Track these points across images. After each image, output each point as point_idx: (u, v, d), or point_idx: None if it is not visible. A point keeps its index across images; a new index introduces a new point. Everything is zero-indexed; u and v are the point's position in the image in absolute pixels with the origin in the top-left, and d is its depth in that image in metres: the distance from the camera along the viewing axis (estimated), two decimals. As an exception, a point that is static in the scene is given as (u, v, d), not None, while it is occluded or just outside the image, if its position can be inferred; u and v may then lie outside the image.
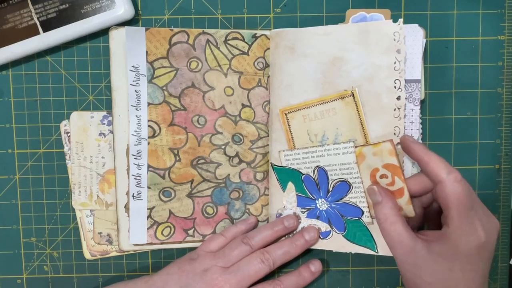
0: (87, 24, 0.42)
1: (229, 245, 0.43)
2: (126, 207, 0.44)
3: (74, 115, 0.44)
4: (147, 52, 0.43)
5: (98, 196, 0.45)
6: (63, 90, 0.45)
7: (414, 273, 0.35)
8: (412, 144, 0.38)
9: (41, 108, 0.45)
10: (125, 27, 0.42)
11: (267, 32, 0.43)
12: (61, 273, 0.46)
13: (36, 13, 0.42)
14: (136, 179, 0.44)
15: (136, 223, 0.44)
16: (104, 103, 0.45)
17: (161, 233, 0.44)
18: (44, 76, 0.44)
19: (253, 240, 0.42)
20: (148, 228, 0.44)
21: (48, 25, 0.42)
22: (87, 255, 0.45)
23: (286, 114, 0.43)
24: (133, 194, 0.44)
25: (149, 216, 0.44)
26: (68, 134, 0.45)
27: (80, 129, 0.44)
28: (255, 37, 0.43)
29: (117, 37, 0.43)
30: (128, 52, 0.42)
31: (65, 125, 0.45)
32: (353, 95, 0.41)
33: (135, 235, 0.44)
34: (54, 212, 0.45)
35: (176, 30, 0.43)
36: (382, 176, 0.41)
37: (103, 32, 0.44)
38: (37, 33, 0.42)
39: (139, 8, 0.44)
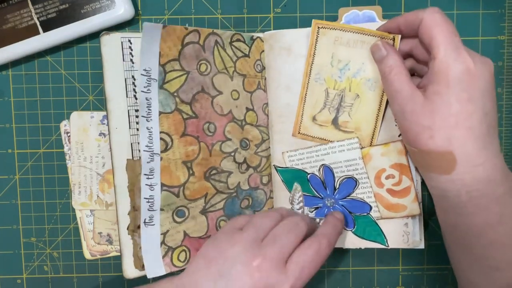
0: (87, 24, 0.42)
1: (257, 214, 0.39)
2: (129, 229, 0.41)
3: (74, 115, 0.44)
4: (160, 53, 0.39)
5: (98, 196, 0.45)
6: (63, 90, 0.45)
7: (412, 120, 0.35)
8: (384, 25, 0.39)
9: (41, 108, 0.45)
10: (144, 23, 0.37)
11: (261, 35, 0.43)
12: (61, 273, 0.46)
13: (36, 13, 0.42)
14: (148, 202, 0.39)
15: (150, 253, 0.40)
16: (104, 103, 0.44)
17: (177, 259, 0.41)
18: (44, 76, 0.44)
19: (282, 210, 0.40)
20: (163, 257, 0.40)
21: (48, 25, 0.42)
22: (87, 255, 0.45)
23: (319, 27, 0.41)
24: (145, 219, 0.39)
25: (163, 243, 0.40)
26: (68, 134, 0.45)
27: (80, 129, 0.44)
28: (252, 39, 0.43)
29: (109, 43, 0.40)
30: (142, 54, 0.38)
31: (65, 125, 0.45)
32: (393, 40, 0.39)
33: (152, 267, 0.40)
34: (54, 212, 0.45)
35: (190, 29, 0.40)
36: (388, 177, 0.41)
37: (103, 32, 0.44)
38: (37, 33, 0.42)
39: (139, 8, 0.44)
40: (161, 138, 0.39)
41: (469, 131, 0.34)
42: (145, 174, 0.39)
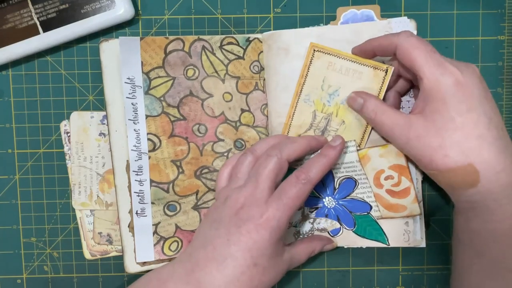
0: (87, 24, 0.42)
1: (235, 166, 0.40)
2: (130, 226, 0.43)
3: (74, 115, 0.44)
4: (142, 62, 0.42)
5: (98, 196, 0.45)
6: (63, 90, 0.45)
7: (420, 145, 0.35)
8: (359, 47, 0.40)
9: (41, 108, 0.45)
10: (119, 37, 0.41)
11: (259, 36, 0.43)
12: (61, 273, 0.46)
13: (36, 13, 0.42)
14: (139, 196, 0.42)
15: (141, 240, 0.43)
16: (104, 103, 0.45)
17: (168, 248, 0.43)
18: (44, 76, 0.44)
19: (258, 150, 0.40)
20: (154, 245, 0.43)
21: (48, 25, 0.42)
22: (87, 255, 0.45)
23: (315, 50, 0.41)
24: (137, 211, 0.42)
25: (155, 232, 0.43)
26: (68, 134, 0.45)
27: (80, 129, 0.44)
28: (248, 40, 0.43)
29: (108, 49, 0.42)
30: (122, 64, 0.41)
31: (65, 125, 0.45)
32: (386, 72, 0.40)
33: (142, 253, 0.43)
34: (54, 212, 0.45)
35: (171, 38, 0.42)
36: (387, 178, 0.42)
37: (103, 32, 0.44)
38: (37, 33, 0.42)
39: (139, 8, 0.44)
40: (149, 139, 0.42)
41: (480, 139, 0.34)
42: (134, 171, 0.42)
